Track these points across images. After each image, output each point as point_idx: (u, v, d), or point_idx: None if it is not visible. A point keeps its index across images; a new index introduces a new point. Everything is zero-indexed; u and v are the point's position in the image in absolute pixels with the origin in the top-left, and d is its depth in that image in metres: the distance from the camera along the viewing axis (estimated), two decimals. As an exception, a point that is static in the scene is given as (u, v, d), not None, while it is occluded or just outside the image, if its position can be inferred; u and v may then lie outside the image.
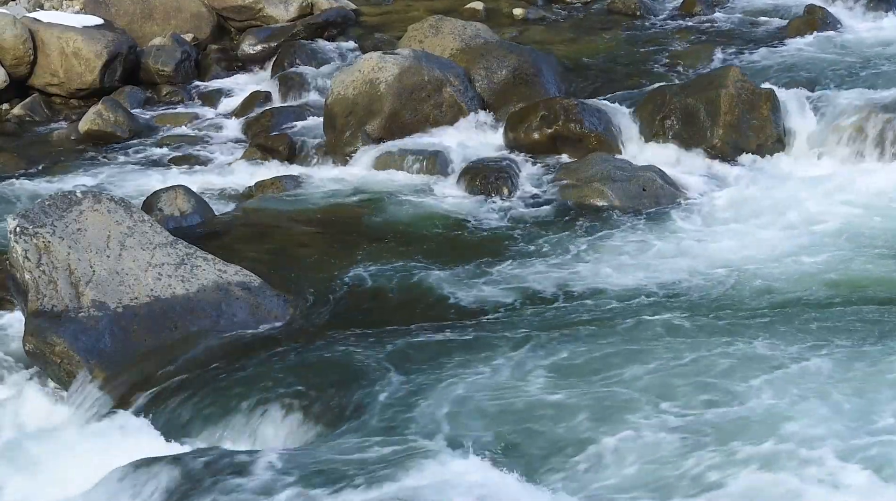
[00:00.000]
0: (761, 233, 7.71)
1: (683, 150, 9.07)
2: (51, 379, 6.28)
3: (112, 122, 10.49)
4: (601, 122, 9.24)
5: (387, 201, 8.39)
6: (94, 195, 6.89)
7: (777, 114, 9.14)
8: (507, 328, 6.34)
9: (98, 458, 5.31)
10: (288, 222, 8.05)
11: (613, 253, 7.40)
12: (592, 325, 6.32)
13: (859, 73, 10.15)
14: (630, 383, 5.59)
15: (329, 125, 9.65)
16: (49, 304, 6.37)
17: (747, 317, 6.34)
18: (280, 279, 6.98)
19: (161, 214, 7.78)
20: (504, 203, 8.36)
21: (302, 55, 11.72)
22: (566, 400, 5.46)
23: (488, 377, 5.72)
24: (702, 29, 12.25)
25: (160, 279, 6.59)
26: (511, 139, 9.36)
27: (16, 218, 6.62)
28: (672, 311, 6.45)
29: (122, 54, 11.48)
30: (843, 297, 6.58)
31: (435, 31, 10.63)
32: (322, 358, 6.00)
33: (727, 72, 9.31)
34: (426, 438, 5.13)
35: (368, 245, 7.62)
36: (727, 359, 5.79)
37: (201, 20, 12.70)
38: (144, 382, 6.00)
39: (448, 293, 6.87)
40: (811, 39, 11.44)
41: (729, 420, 5.20)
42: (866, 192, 8.22)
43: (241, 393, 5.71)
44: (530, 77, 10.18)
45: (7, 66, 11.17)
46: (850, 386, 5.46)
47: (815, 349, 5.87)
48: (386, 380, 5.70)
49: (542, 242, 7.62)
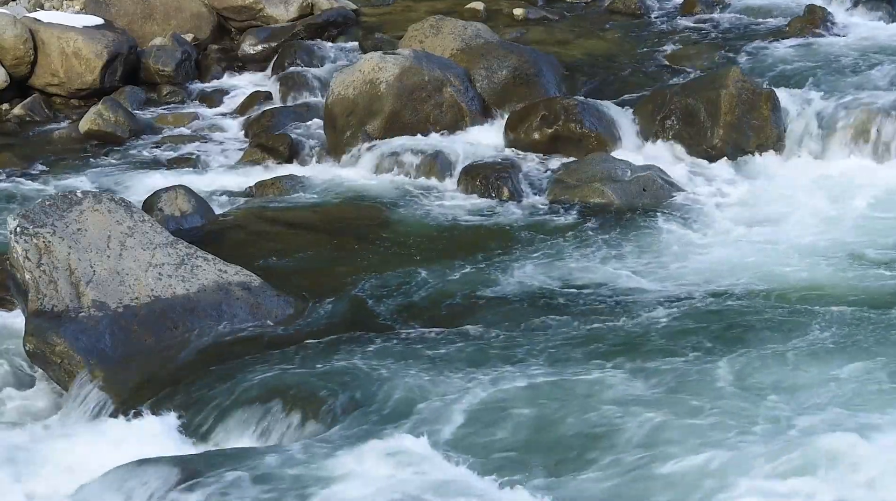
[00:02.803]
0: (762, 232, 7.71)
1: (684, 150, 9.08)
2: (51, 378, 6.28)
3: (112, 122, 10.48)
4: (601, 122, 9.24)
5: (387, 201, 8.39)
6: (95, 195, 6.89)
7: (777, 115, 9.14)
8: (507, 329, 6.34)
9: (98, 458, 5.31)
10: (288, 222, 8.05)
11: (614, 254, 7.40)
12: (593, 325, 6.33)
13: (860, 73, 10.14)
14: (630, 382, 5.60)
15: (329, 125, 9.65)
16: (49, 304, 6.38)
17: (748, 318, 6.34)
18: (280, 279, 6.98)
19: (161, 214, 7.78)
20: (504, 203, 8.36)
21: (302, 55, 11.72)
22: (567, 399, 5.46)
23: (488, 377, 5.72)
24: (702, 29, 12.24)
25: (160, 279, 6.59)
26: (511, 139, 9.36)
27: (16, 218, 6.62)
28: (673, 311, 6.45)
29: (122, 54, 11.48)
30: (844, 297, 6.58)
31: (435, 31, 10.63)
32: (322, 359, 6.00)
33: (727, 72, 9.31)
34: (426, 438, 5.13)
35: (368, 245, 7.62)
36: (728, 359, 5.79)
37: (202, 20, 12.70)
38: (144, 382, 6.00)
39: (448, 293, 6.87)
40: (811, 39, 11.44)
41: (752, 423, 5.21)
42: (867, 192, 8.22)
43: (242, 392, 5.71)
44: (531, 77, 10.18)
45: (7, 66, 11.17)
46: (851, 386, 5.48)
47: (832, 352, 5.88)
48: (386, 380, 5.70)
49: (542, 242, 7.62)
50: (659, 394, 5.47)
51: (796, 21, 11.97)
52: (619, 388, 5.55)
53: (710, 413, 5.28)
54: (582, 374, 5.71)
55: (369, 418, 5.41)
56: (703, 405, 5.35)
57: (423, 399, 5.51)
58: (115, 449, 5.37)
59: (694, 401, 5.39)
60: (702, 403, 5.37)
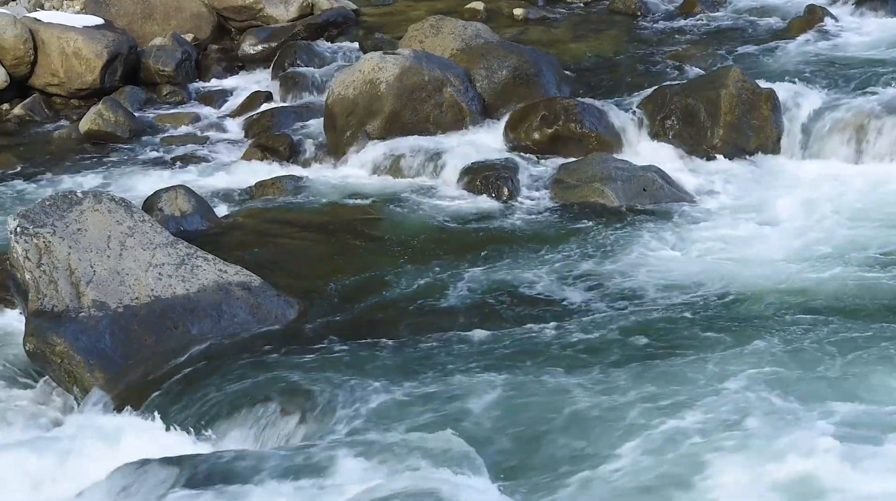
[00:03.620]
0: (762, 232, 7.71)
1: (684, 150, 9.08)
2: (51, 378, 6.28)
3: (112, 122, 10.49)
4: (601, 122, 9.24)
5: (387, 201, 8.39)
6: (95, 195, 6.90)
7: (777, 115, 9.15)
8: (507, 329, 6.34)
9: (98, 458, 5.31)
10: (288, 222, 8.05)
11: (614, 254, 7.40)
12: (593, 326, 6.33)
13: (860, 73, 10.14)
14: (634, 382, 5.60)
15: (329, 125, 9.65)
16: (49, 304, 6.38)
17: (749, 317, 6.34)
18: (280, 279, 6.98)
19: (161, 214, 7.78)
20: (504, 203, 8.36)
21: (302, 55, 11.73)
22: (567, 402, 5.47)
23: (488, 377, 5.72)
24: (702, 29, 12.25)
25: (161, 279, 6.59)
26: (511, 139, 9.36)
27: (16, 218, 6.62)
28: (673, 311, 6.45)
29: (122, 54, 11.48)
30: (843, 296, 6.58)
31: (435, 31, 10.63)
32: (322, 359, 6.00)
33: (727, 72, 9.32)
34: (426, 438, 5.13)
35: (368, 245, 7.63)
36: (727, 361, 5.79)
37: (202, 20, 12.70)
38: (145, 382, 6.00)
39: (448, 293, 6.87)
40: (811, 39, 11.44)
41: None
42: (867, 192, 8.22)
43: (242, 393, 5.71)
44: (531, 77, 10.18)
45: (7, 66, 11.18)
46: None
47: (824, 346, 5.89)
48: (386, 381, 5.70)
49: (542, 242, 7.62)
50: (664, 394, 5.47)
51: (796, 21, 11.97)
52: (620, 388, 5.55)
53: (722, 412, 5.30)
54: (583, 374, 5.71)
55: (370, 419, 5.41)
56: (715, 406, 5.36)
57: (425, 399, 5.51)
58: (116, 450, 5.37)
59: (704, 403, 5.39)
60: (712, 405, 5.38)
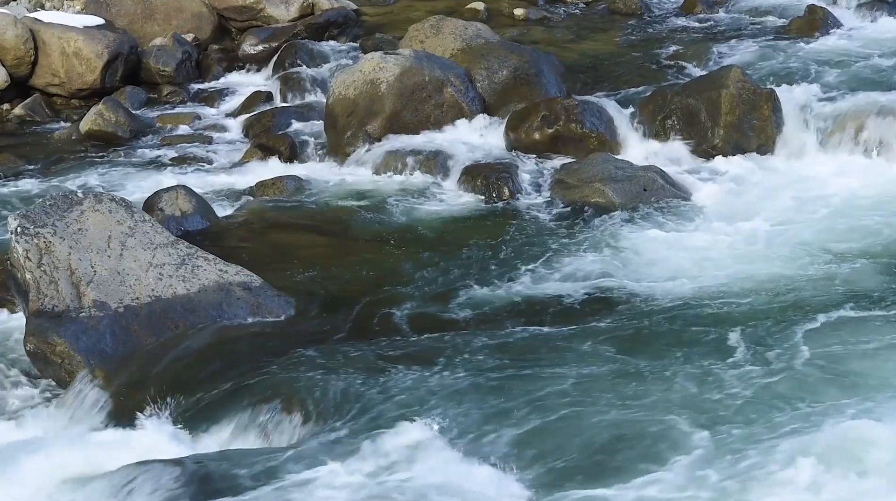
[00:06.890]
0: (763, 232, 7.70)
1: (684, 150, 9.08)
2: (51, 379, 6.28)
3: (113, 123, 10.49)
4: (602, 122, 9.24)
5: (388, 201, 8.39)
6: (95, 195, 6.90)
7: (778, 115, 9.14)
8: (507, 329, 6.34)
9: (98, 458, 5.31)
10: (289, 222, 8.05)
11: (614, 254, 7.39)
12: (593, 326, 6.33)
13: (860, 73, 10.16)
14: (637, 381, 5.61)
15: (330, 125, 9.65)
16: (50, 304, 6.38)
17: (750, 317, 6.34)
18: (281, 279, 6.98)
19: (162, 214, 7.78)
20: (505, 203, 8.36)
21: (303, 55, 11.73)
22: (567, 402, 5.46)
23: (489, 377, 5.72)
24: (703, 29, 12.26)
25: (161, 279, 6.59)
26: (512, 139, 9.36)
27: (17, 218, 6.62)
28: (675, 311, 6.45)
29: (123, 54, 11.48)
30: (845, 296, 6.58)
31: (436, 31, 10.63)
32: (322, 359, 6.00)
33: (728, 72, 9.32)
34: (426, 438, 5.13)
35: (369, 245, 7.62)
36: (727, 360, 5.80)
37: (202, 20, 12.70)
38: (145, 382, 6.00)
39: (448, 293, 6.87)
40: (812, 39, 11.45)
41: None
42: (868, 192, 8.22)
43: (242, 393, 5.71)
44: (531, 77, 10.18)
45: (8, 66, 11.18)
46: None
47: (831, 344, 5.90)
48: (388, 381, 5.70)
49: (542, 243, 7.62)
50: (670, 394, 5.47)
51: (797, 21, 11.98)
52: (621, 388, 5.55)
53: (722, 409, 5.30)
54: (583, 374, 5.71)
55: (371, 418, 5.41)
56: (716, 403, 5.37)
57: (426, 400, 5.51)
58: (116, 450, 5.37)
59: (707, 399, 5.40)
60: (714, 402, 5.38)
